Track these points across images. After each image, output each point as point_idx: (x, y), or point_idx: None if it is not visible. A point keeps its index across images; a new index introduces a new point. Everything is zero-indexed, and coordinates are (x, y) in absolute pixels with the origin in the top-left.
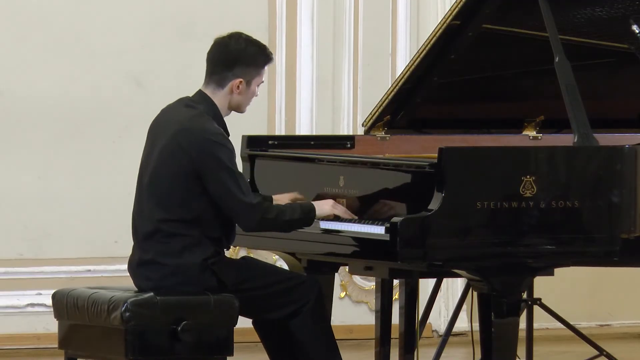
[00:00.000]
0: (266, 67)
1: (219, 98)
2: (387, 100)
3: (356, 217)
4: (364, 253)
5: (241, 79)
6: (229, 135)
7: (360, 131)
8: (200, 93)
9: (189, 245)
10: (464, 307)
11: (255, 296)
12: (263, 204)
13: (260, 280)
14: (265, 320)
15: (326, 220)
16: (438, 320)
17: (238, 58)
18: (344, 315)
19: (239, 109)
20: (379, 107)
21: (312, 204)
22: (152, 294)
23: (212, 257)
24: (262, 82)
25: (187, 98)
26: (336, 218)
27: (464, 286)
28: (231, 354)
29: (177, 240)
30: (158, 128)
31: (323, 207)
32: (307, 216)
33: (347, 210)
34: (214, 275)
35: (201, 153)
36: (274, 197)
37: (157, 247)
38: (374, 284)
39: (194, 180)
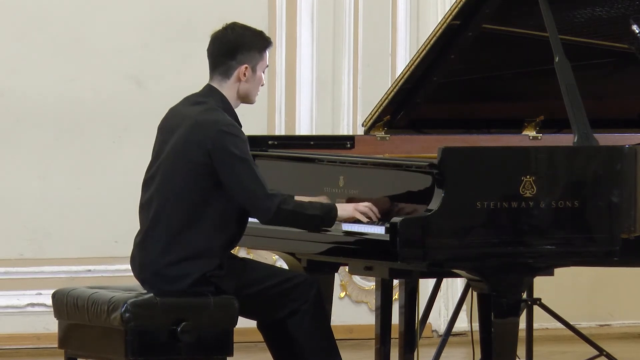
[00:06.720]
0: (267, 52)
1: (227, 89)
2: (387, 100)
3: (379, 216)
4: (364, 253)
5: (246, 65)
6: (241, 126)
7: (360, 131)
8: (207, 87)
9: (194, 254)
10: (464, 307)
11: (254, 299)
12: (280, 194)
13: (260, 285)
14: (268, 322)
15: (348, 223)
16: (438, 320)
17: (238, 45)
18: (344, 315)
19: (248, 98)
20: (379, 107)
21: (334, 204)
22: (152, 294)
23: (214, 270)
24: (267, 66)
25: (194, 95)
26: (356, 221)
27: (464, 286)
28: (231, 354)
29: (183, 248)
30: (169, 126)
31: (346, 207)
32: (328, 215)
33: (371, 207)
34: (214, 286)
35: (215, 145)
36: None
37: (160, 254)
38: (374, 284)
39: (209, 177)
